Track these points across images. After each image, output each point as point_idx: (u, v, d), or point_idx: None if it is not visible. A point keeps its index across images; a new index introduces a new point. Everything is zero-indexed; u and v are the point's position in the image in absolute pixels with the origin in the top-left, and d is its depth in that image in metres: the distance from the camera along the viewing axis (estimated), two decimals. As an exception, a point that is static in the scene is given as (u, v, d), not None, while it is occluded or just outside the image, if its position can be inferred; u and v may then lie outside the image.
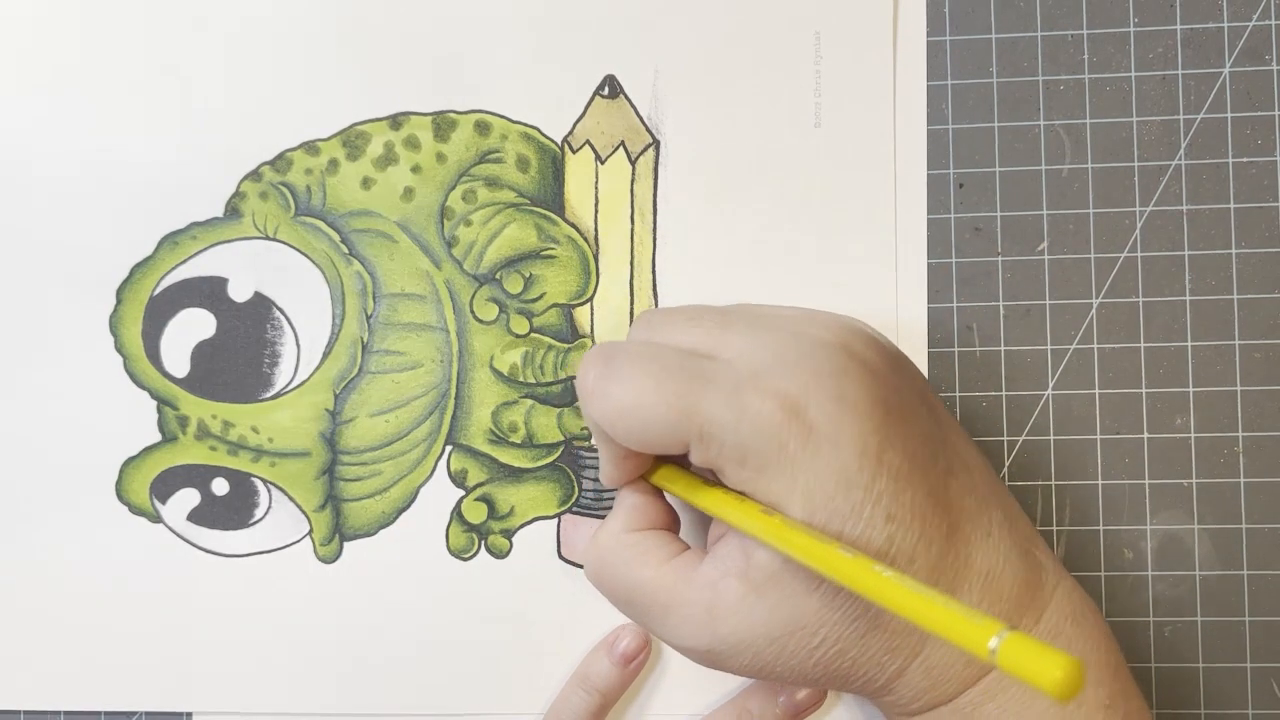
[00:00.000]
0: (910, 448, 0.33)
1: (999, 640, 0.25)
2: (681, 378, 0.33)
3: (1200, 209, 0.43)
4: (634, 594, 0.36)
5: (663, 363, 0.34)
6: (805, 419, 0.31)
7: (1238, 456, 0.43)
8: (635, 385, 0.33)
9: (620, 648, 0.43)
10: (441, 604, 0.44)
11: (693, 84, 0.44)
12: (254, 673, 0.44)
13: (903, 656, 0.33)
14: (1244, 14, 0.44)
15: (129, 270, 0.45)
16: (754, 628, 0.33)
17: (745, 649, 0.33)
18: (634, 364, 0.34)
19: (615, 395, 0.33)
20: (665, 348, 0.35)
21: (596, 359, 0.35)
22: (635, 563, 0.36)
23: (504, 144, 0.44)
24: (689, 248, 0.44)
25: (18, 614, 0.45)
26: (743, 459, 0.32)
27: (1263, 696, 0.43)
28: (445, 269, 0.44)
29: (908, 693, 0.34)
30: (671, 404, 0.32)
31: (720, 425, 0.32)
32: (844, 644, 0.33)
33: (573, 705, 0.43)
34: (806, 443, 0.31)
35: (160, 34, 0.45)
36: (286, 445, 0.45)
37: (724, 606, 0.33)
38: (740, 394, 0.32)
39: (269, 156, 0.45)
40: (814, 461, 0.31)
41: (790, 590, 0.32)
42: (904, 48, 0.44)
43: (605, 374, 0.34)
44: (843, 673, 0.33)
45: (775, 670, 0.34)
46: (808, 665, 0.33)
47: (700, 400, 0.32)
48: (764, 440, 0.31)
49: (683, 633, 0.34)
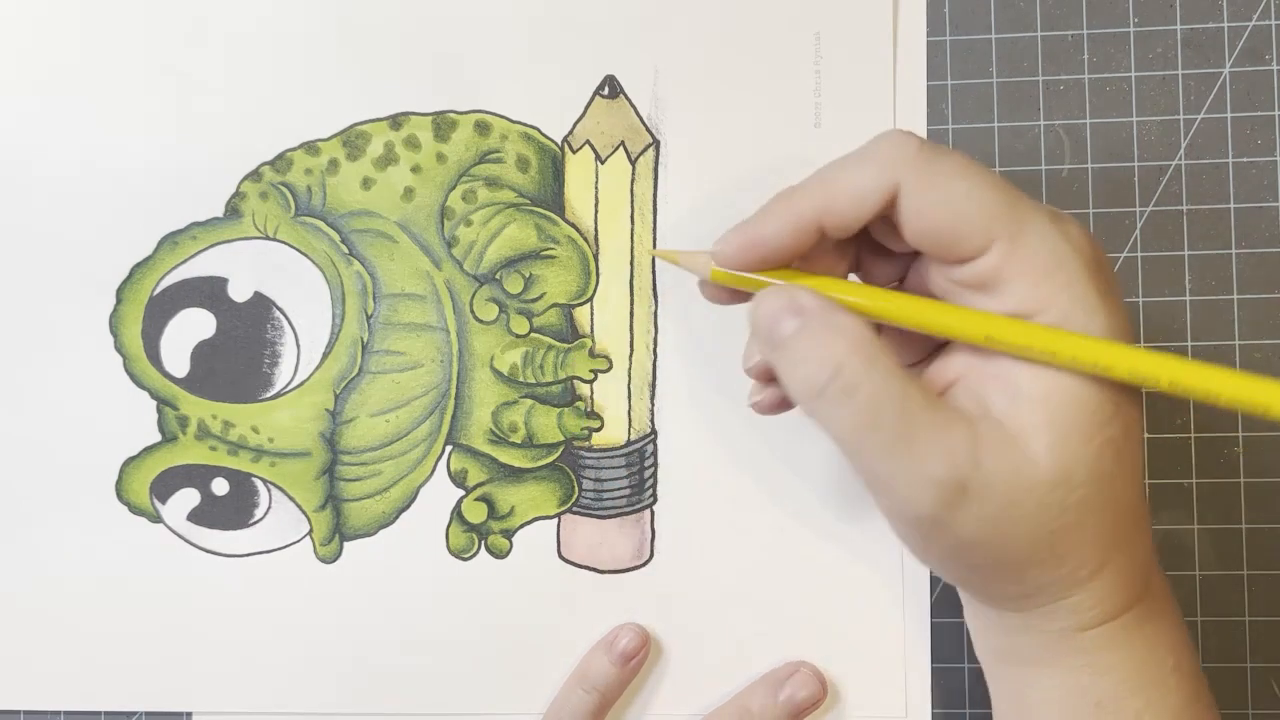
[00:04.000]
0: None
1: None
2: (1008, 183, 0.32)
3: (1200, 209, 0.43)
4: (894, 411, 0.31)
5: (990, 169, 0.32)
6: (1105, 271, 0.32)
7: (1238, 456, 0.43)
8: (968, 165, 0.32)
9: (619, 646, 0.43)
10: (441, 604, 0.44)
11: (693, 84, 0.44)
12: (254, 673, 0.44)
13: (1115, 543, 0.32)
14: (1244, 14, 0.44)
15: (129, 270, 0.45)
16: (1021, 467, 0.30)
17: (1000, 493, 0.30)
18: (961, 154, 0.32)
19: (944, 165, 0.32)
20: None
21: (917, 136, 0.33)
22: (901, 370, 0.31)
23: (504, 144, 0.44)
24: (689, 247, 0.44)
25: (18, 614, 0.45)
26: (1053, 272, 0.31)
27: (1263, 696, 0.43)
28: (445, 269, 0.44)
29: (1092, 597, 0.33)
30: (1003, 194, 0.31)
31: (1041, 233, 0.31)
32: (1090, 508, 0.31)
33: (572, 704, 0.43)
34: (1110, 283, 0.32)
35: (160, 34, 0.45)
36: (287, 445, 0.45)
37: (992, 439, 0.31)
38: (1061, 218, 0.32)
39: (269, 156, 0.45)
40: (1113, 300, 0.31)
41: (1071, 433, 0.31)
42: (904, 48, 0.44)
43: (936, 146, 0.32)
44: (1062, 551, 0.31)
45: (1006, 534, 0.31)
46: (1043, 534, 0.31)
47: (1028, 206, 0.31)
48: (1081, 262, 0.31)
49: (934, 462, 0.30)
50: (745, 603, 0.43)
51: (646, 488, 0.44)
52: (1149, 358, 0.30)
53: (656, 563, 0.44)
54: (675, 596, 0.44)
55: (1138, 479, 0.32)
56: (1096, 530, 0.32)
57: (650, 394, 0.44)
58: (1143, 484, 0.33)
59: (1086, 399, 0.31)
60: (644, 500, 0.44)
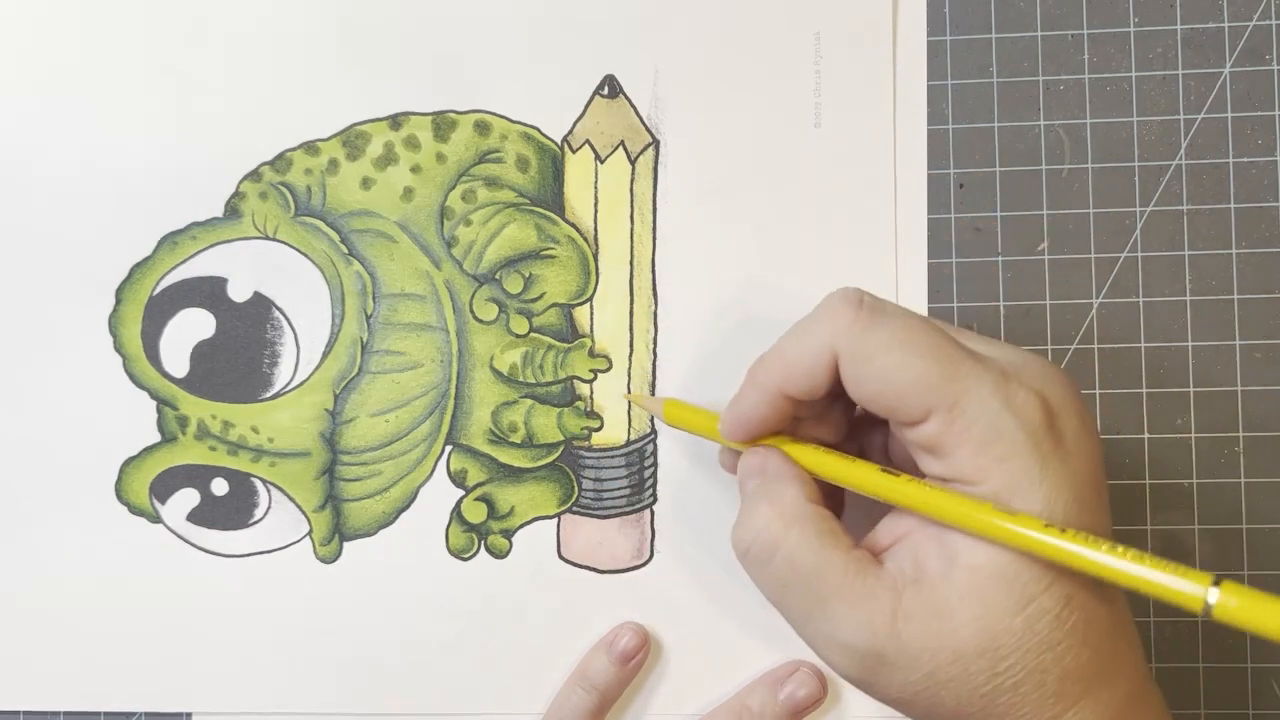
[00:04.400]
0: (1106, 493, 0.33)
1: (1217, 594, 0.27)
2: (951, 344, 0.32)
3: (1200, 209, 0.43)
4: (809, 578, 0.33)
5: (932, 326, 0.33)
6: (1057, 427, 0.31)
7: (1238, 456, 0.43)
8: (905, 333, 0.32)
9: (619, 646, 0.43)
10: (441, 604, 0.44)
11: (692, 84, 0.44)
12: (254, 673, 0.44)
13: (1064, 703, 0.32)
14: (1244, 14, 0.44)
15: (129, 270, 0.45)
16: (942, 638, 0.31)
17: (922, 662, 0.31)
18: (903, 316, 0.33)
19: (880, 337, 0.32)
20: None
21: (863, 296, 0.34)
22: (828, 542, 0.33)
23: (504, 144, 0.44)
24: (689, 247, 0.44)
25: (17, 614, 0.45)
26: (990, 444, 0.31)
27: (1263, 696, 0.43)
28: (445, 269, 0.44)
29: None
30: (940, 364, 0.32)
31: (981, 403, 0.31)
32: (1023, 675, 0.31)
33: (572, 704, 0.43)
34: (1057, 448, 0.31)
35: (160, 34, 0.45)
36: (286, 445, 0.45)
37: (916, 610, 0.31)
38: (1008, 382, 0.31)
39: (269, 156, 0.45)
40: (1062, 467, 0.31)
41: (998, 605, 0.31)
42: (904, 48, 0.44)
43: (875, 312, 0.33)
44: (998, 712, 0.31)
45: (934, 697, 0.32)
46: (974, 697, 0.31)
47: (967, 373, 0.31)
48: (1022, 433, 0.31)
49: (849, 631, 0.32)
50: (745, 603, 0.43)
51: (646, 488, 0.44)
52: (1068, 548, 0.30)
53: (656, 563, 0.44)
54: (675, 596, 0.44)
55: (1096, 640, 0.32)
56: (1038, 693, 0.31)
57: (650, 393, 0.44)
58: (1110, 641, 0.32)
59: (1018, 571, 0.31)
60: (644, 500, 0.44)
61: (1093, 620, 0.31)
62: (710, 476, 0.44)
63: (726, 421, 0.36)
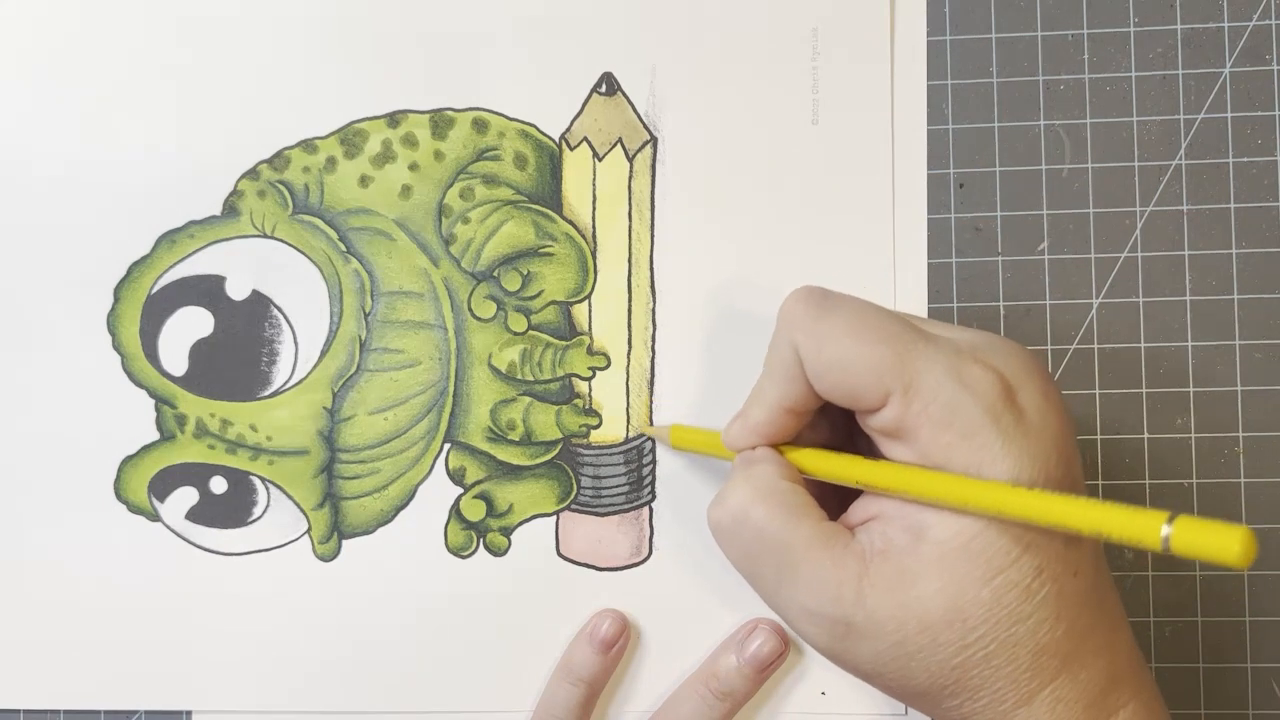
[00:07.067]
0: (1078, 467, 0.33)
1: (1169, 527, 0.27)
2: (903, 328, 0.33)
3: (1200, 209, 0.43)
4: (777, 547, 0.33)
5: (885, 312, 0.33)
6: (1017, 402, 0.32)
7: (1238, 456, 0.43)
8: (856, 319, 0.33)
9: (600, 634, 0.43)
10: (440, 602, 0.44)
11: (690, 81, 0.44)
12: (253, 671, 0.44)
13: (1040, 679, 0.32)
14: (1244, 14, 0.44)
15: (127, 269, 0.45)
16: (909, 607, 0.31)
17: (889, 631, 0.31)
18: (855, 304, 0.34)
19: (831, 324, 0.33)
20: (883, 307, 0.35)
21: (814, 291, 0.34)
22: (796, 512, 0.34)
23: (502, 141, 0.44)
24: (687, 244, 0.44)
25: (17, 613, 0.45)
26: (949, 422, 0.31)
27: (1263, 696, 0.43)
28: (443, 267, 0.44)
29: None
30: (891, 347, 0.32)
31: (936, 382, 0.31)
32: (995, 647, 0.31)
33: (560, 699, 0.43)
34: (1019, 422, 0.31)
35: (158, 33, 0.45)
36: (285, 443, 0.45)
37: (883, 579, 0.32)
38: (961, 360, 0.32)
39: (267, 155, 0.45)
40: (1025, 441, 0.31)
41: (965, 575, 0.31)
42: (904, 47, 0.44)
43: (825, 303, 0.34)
44: (973, 685, 0.32)
45: (904, 667, 0.32)
46: (945, 669, 0.32)
47: (920, 354, 0.32)
48: (980, 408, 0.31)
49: (817, 599, 0.32)
50: (743, 600, 0.43)
51: (645, 485, 0.44)
52: (1041, 501, 0.29)
53: (655, 560, 0.44)
54: (673, 594, 0.44)
55: (1071, 614, 0.32)
56: (1011, 666, 0.31)
57: (649, 391, 0.44)
58: (1088, 616, 0.32)
59: (987, 541, 0.31)
60: (642, 498, 0.44)
61: (1065, 594, 0.31)
62: (709, 475, 0.44)
63: (729, 433, 0.37)
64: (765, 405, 0.36)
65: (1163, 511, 0.27)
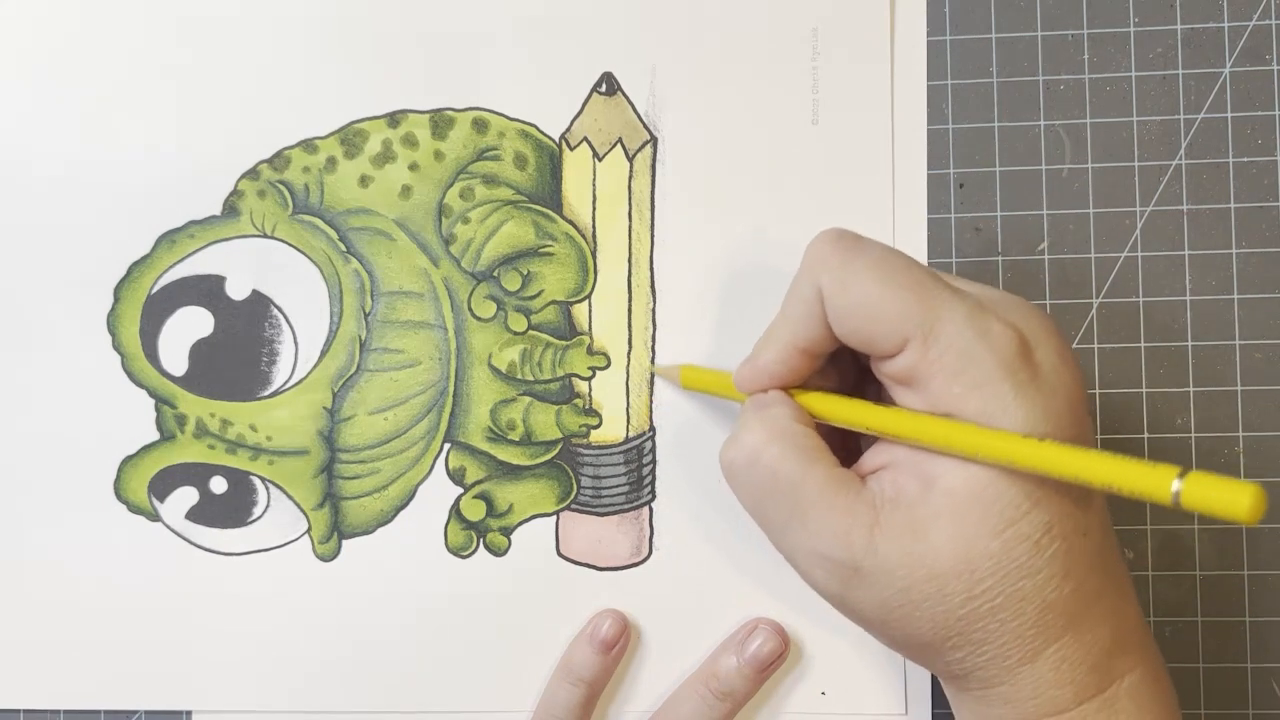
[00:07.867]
0: (1090, 429, 0.33)
1: (1180, 482, 0.27)
2: (929, 277, 0.33)
3: (1200, 209, 0.43)
4: (789, 489, 0.33)
5: (911, 261, 0.33)
6: (1033, 359, 0.32)
7: (1238, 456, 0.43)
8: (884, 264, 0.33)
9: (601, 635, 0.43)
10: (440, 602, 0.44)
11: (690, 81, 0.44)
12: (253, 671, 0.44)
13: (1045, 636, 0.32)
14: (1244, 14, 0.44)
15: (127, 268, 0.45)
16: (918, 555, 0.31)
17: (897, 578, 0.32)
18: (883, 249, 0.34)
19: (858, 266, 0.33)
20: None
21: (844, 233, 0.34)
22: (810, 455, 0.34)
23: (502, 141, 0.44)
24: (687, 244, 0.44)
25: (17, 613, 0.45)
26: (963, 371, 0.31)
27: (1263, 696, 0.43)
28: (443, 266, 0.44)
29: (1027, 688, 0.32)
30: (915, 293, 0.32)
31: (955, 331, 0.32)
32: (1002, 600, 0.31)
33: (560, 699, 0.43)
34: (1033, 378, 0.31)
35: (158, 33, 0.45)
36: (285, 443, 0.45)
37: (893, 526, 0.32)
38: (982, 313, 0.32)
39: (267, 155, 0.45)
40: (1038, 396, 0.31)
41: (975, 526, 0.31)
42: (904, 47, 0.44)
43: (854, 245, 0.34)
44: (978, 638, 0.32)
45: (909, 616, 0.32)
46: (950, 619, 0.32)
47: (943, 303, 0.32)
48: (996, 360, 0.31)
49: (826, 542, 0.32)
50: (743, 600, 0.43)
51: (645, 485, 0.44)
52: (1053, 452, 0.30)
53: (655, 560, 0.44)
54: (674, 594, 0.44)
55: (1079, 574, 0.32)
56: (1017, 621, 0.32)
57: (649, 391, 0.44)
58: (1096, 579, 0.32)
59: (998, 493, 0.31)
60: (643, 497, 0.44)
61: (1073, 553, 0.32)
62: (709, 474, 0.44)
63: (741, 373, 0.37)
64: (779, 344, 0.35)
65: (1174, 466, 0.27)
